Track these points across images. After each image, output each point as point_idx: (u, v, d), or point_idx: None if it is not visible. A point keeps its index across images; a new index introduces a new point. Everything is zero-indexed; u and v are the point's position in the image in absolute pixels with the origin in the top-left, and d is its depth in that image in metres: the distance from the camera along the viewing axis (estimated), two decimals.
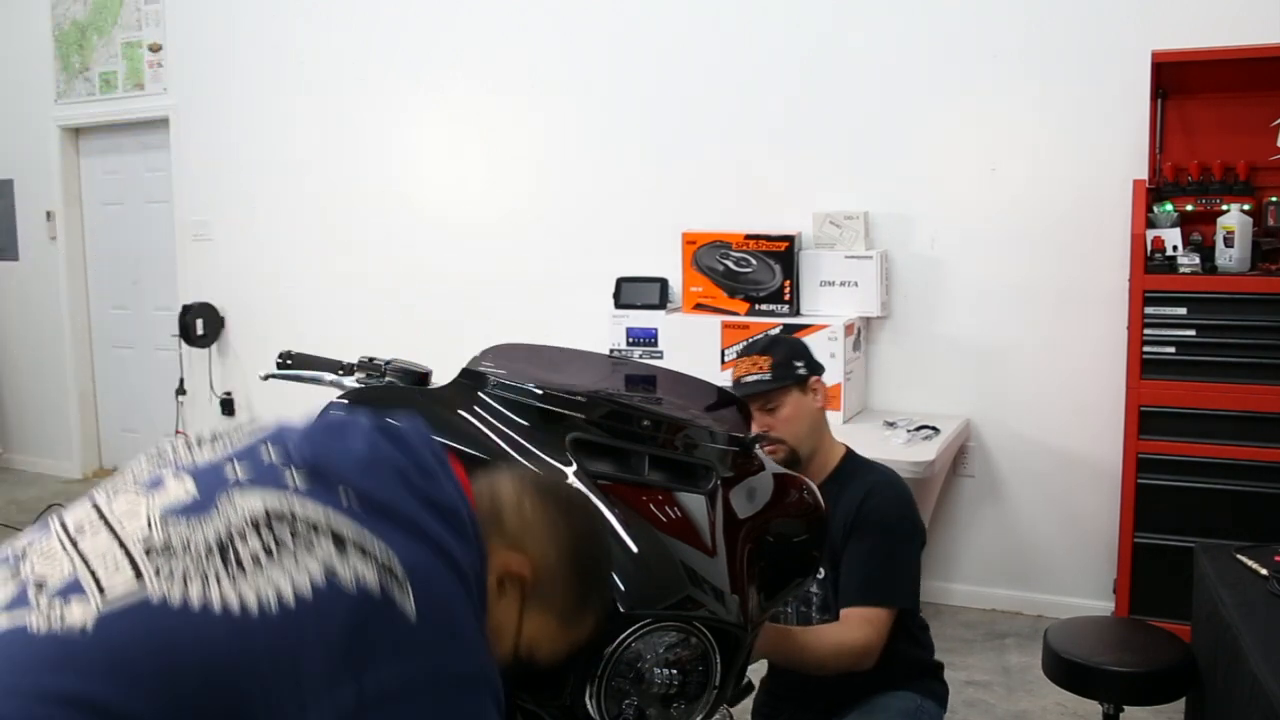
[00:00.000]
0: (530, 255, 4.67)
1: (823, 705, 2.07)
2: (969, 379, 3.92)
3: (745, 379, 2.08)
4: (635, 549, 1.40)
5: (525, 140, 4.69)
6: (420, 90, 4.88)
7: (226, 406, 5.50)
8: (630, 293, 4.20)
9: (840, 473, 2.13)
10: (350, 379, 2.04)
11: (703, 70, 4.28)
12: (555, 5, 4.54)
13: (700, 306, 4.08)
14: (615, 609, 1.32)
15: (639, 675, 1.35)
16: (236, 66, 5.29)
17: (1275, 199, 3.28)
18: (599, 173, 4.52)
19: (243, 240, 5.38)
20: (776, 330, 3.80)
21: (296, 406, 1.38)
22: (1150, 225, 3.37)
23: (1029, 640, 3.61)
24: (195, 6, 5.36)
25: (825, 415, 2.17)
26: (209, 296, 5.44)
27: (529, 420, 1.55)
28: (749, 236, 4.00)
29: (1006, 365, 3.87)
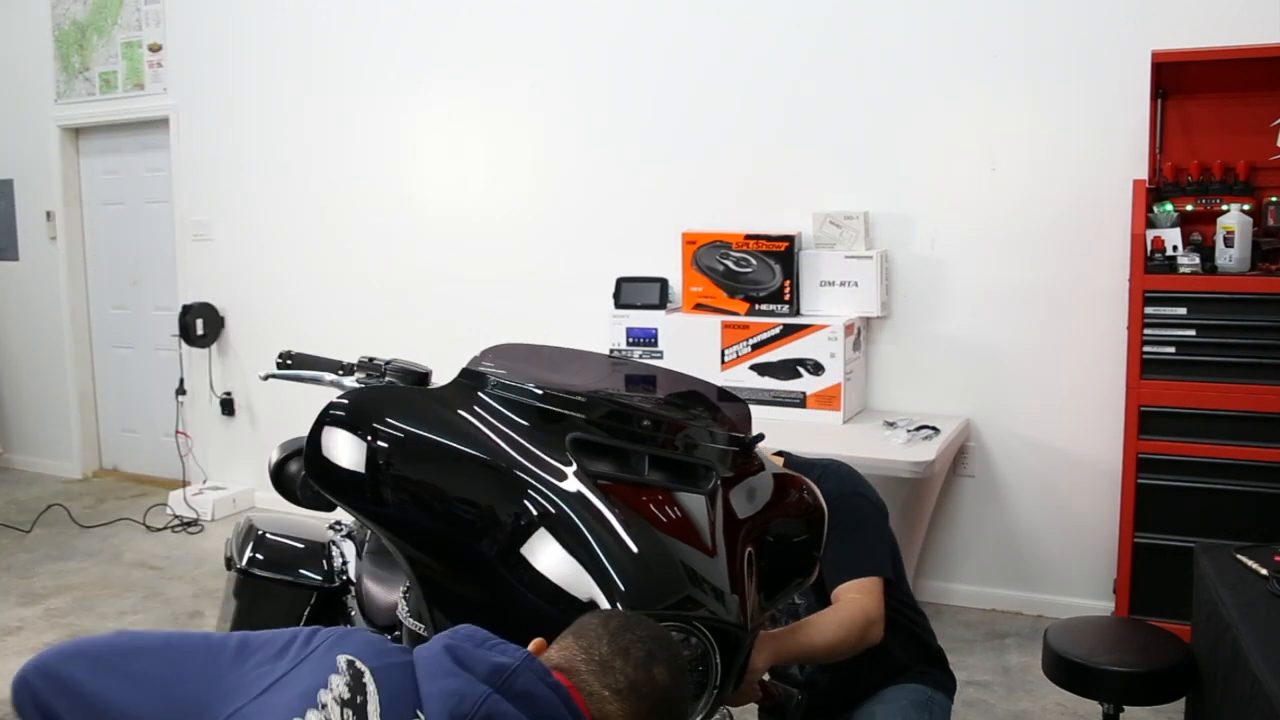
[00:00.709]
0: (530, 255, 4.67)
1: (833, 701, 2.07)
2: (969, 379, 3.92)
3: None
4: (635, 549, 1.40)
5: (525, 140, 4.69)
6: (420, 90, 4.88)
7: (226, 406, 5.50)
8: (630, 293, 4.20)
9: None
10: (350, 379, 2.05)
11: (703, 70, 4.28)
12: (555, 5, 4.54)
13: (700, 306, 4.08)
14: (615, 609, 1.32)
15: None
16: (236, 66, 5.29)
17: (1275, 199, 3.28)
18: (599, 172, 4.52)
19: (243, 240, 5.38)
20: (776, 330, 3.80)
21: (297, 406, 1.38)
22: (1150, 225, 3.37)
23: (1029, 640, 3.62)
24: (195, 6, 5.36)
25: None
26: (209, 296, 5.44)
27: (529, 420, 1.55)
28: (749, 236, 4.00)
29: (1006, 365, 3.87)
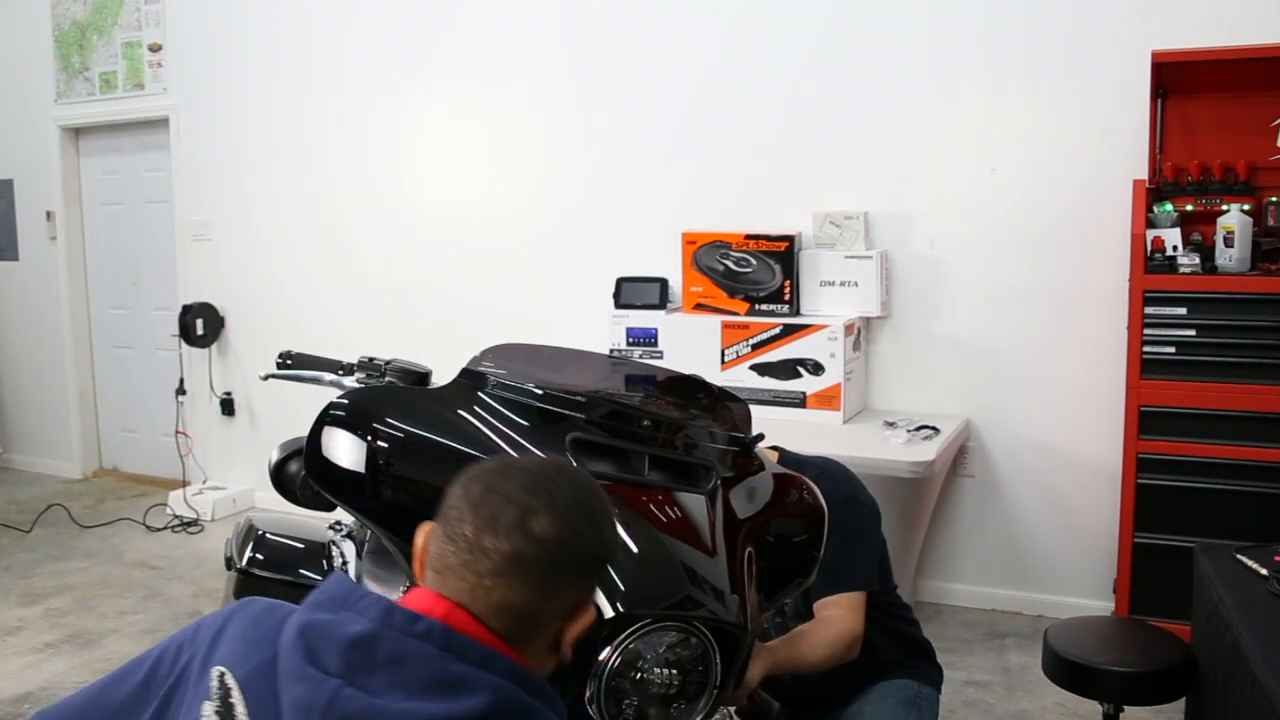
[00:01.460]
0: (530, 255, 4.67)
1: (822, 698, 2.07)
2: (969, 379, 3.92)
3: None
4: (635, 549, 1.40)
5: (525, 140, 4.68)
6: (420, 90, 4.88)
7: (226, 406, 5.50)
8: (630, 293, 4.20)
9: None
10: (350, 379, 2.05)
11: (703, 70, 4.28)
12: (555, 5, 4.54)
13: (700, 306, 4.08)
14: (615, 609, 1.32)
15: (639, 675, 1.35)
16: (236, 66, 5.29)
17: (1275, 199, 3.28)
18: (599, 172, 4.51)
19: (243, 240, 5.38)
20: (776, 330, 3.80)
21: (297, 406, 1.38)
22: (1150, 225, 3.37)
23: (1029, 640, 3.62)
24: (195, 6, 5.36)
25: None
26: (209, 296, 5.44)
27: (529, 420, 1.55)
28: (749, 236, 4.00)
29: (1006, 365, 3.87)
